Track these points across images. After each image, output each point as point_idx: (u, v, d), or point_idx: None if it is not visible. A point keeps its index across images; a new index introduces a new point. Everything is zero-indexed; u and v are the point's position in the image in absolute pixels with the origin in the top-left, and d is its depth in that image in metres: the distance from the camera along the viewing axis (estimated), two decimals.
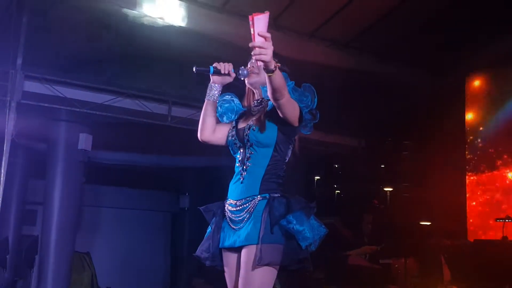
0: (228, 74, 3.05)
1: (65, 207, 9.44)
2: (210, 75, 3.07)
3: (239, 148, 3.07)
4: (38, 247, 9.95)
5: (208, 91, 3.14)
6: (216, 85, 3.11)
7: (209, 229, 3.13)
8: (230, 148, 3.15)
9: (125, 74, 9.32)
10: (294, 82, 2.98)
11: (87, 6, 7.90)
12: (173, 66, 8.89)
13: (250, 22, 2.61)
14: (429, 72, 10.69)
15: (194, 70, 2.98)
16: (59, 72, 8.74)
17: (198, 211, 3.20)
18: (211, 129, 3.17)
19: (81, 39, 8.64)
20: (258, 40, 2.59)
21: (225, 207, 3.05)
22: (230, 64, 3.06)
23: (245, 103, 3.27)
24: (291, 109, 2.86)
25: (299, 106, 2.93)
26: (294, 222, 2.82)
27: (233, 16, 8.79)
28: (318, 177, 13.29)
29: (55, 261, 9.25)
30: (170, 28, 8.31)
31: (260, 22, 2.62)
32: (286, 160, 3.06)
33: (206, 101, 3.15)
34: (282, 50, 3.25)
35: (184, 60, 8.69)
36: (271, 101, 2.89)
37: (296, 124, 2.94)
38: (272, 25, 9.14)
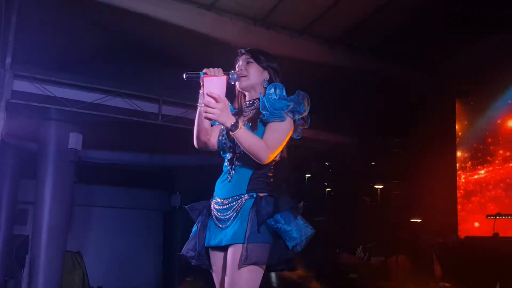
0: None
1: (56, 206, 9.42)
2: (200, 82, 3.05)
3: (229, 148, 3.06)
4: (29, 246, 9.91)
5: (199, 98, 3.07)
6: None
7: (194, 228, 3.12)
8: (220, 149, 3.15)
9: (115, 73, 9.29)
10: (283, 86, 2.99)
11: (77, 5, 7.86)
12: (164, 64, 8.87)
13: (201, 82, 2.76)
14: (420, 69, 10.70)
15: (184, 76, 2.97)
16: (49, 71, 8.71)
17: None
18: (206, 136, 3.15)
19: (71, 38, 8.61)
20: (206, 99, 2.75)
21: (211, 206, 3.05)
22: (220, 69, 3.02)
23: (236, 105, 3.25)
24: (276, 153, 2.94)
25: (292, 119, 2.97)
26: (282, 222, 2.81)
27: (222, 14, 8.77)
28: (309, 175, 13.30)
29: (46, 260, 9.22)
30: (160, 26, 8.29)
31: (211, 83, 2.75)
32: (275, 161, 3.04)
33: (198, 108, 3.10)
34: (273, 47, 3.26)
35: (175, 58, 8.71)
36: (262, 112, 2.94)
37: None
38: (263, 23, 9.15)
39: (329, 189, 13.49)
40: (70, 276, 10.89)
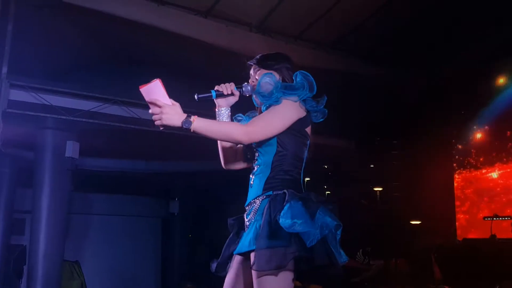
0: (232, 94, 2.96)
1: (53, 215, 9.36)
2: (214, 100, 2.98)
3: (250, 154, 3.00)
4: (26, 256, 9.86)
5: (217, 118, 3.00)
6: (223, 108, 3.00)
7: (227, 241, 3.03)
8: (247, 160, 3.06)
9: (112, 81, 9.26)
10: (271, 73, 2.91)
11: (73, 14, 7.85)
12: (160, 71, 8.84)
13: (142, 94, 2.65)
14: (416, 72, 10.72)
15: (196, 98, 2.91)
16: (45, 80, 8.68)
17: (188, 216, 3.16)
18: (232, 155, 3.09)
19: (67, 47, 8.60)
20: (151, 109, 2.68)
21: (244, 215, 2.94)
22: (232, 84, 2.97)
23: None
24: (263, 132, 2.77)
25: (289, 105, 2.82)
26: (283, 215, 2.58)
27: (218, 20, 8.79)
28: (308, 179, 13.28)
29: (44, 270, 9.16)
30: (156, 33, 8.29)
31: (147, 92, 2.65)
32: (301, 155, 2.93)
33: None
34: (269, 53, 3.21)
35: (171, 65, 8.70)
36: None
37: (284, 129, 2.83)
38: (259, 29, 9.16)
39: (329, 192, 13.49)
40: (68, 286, 10.84)
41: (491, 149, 10.33)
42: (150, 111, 2.68)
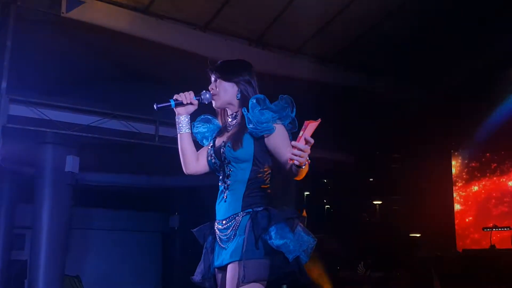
0: (191, 103, 3.03)
1: (53, 230, 9.36)
2: (174, 109, 3.05)
3: (219, 166, 3.01)
4: (27, 271, 9.84)
5: (177, 125, 3.09)
6: (182, 116, 3.07)
7: (204, 251, 3.08)
8: (212, 168, 3.09)
9: (111, 95, 9.29)
10: (264, 96, 2.91)
11: (71, 29, 7.90)
12: (160, 85, 8.89)
13: (304, 126, 2.54)
14: (416, 86, 10.75)
15: (155, 108, 2.99)
16: (44, 95, 8.71)
17: (188, 230, 3.15)
18: (193, 161, 3.12)
19: (66, 61, 8.63)
20: (303, 145, 2.52)
21: (215, 227, 3.00)
22: (191, 92, 3.03)
23: (221, 122, 3.20)
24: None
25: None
26: (274, 236, 2.73)
27: (217, 34, 8.83)
28: (308, 193, 13.29)
29: (45, 285, 9.15)
30: (155, 48, 8.33)
31: (311, 129, 2.56)
32: (269, 171, 2.98)
33: (179, 135, 3.10)
34: (268, 67, 3.23)
35: (170, 79, 8.73)
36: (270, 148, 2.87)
37: None
38: (258, 43, 9.21)
39: (328, 206, 13.48)
40: None
41: (491, 159, 10.33)
42: (295, 144, 2.53)
